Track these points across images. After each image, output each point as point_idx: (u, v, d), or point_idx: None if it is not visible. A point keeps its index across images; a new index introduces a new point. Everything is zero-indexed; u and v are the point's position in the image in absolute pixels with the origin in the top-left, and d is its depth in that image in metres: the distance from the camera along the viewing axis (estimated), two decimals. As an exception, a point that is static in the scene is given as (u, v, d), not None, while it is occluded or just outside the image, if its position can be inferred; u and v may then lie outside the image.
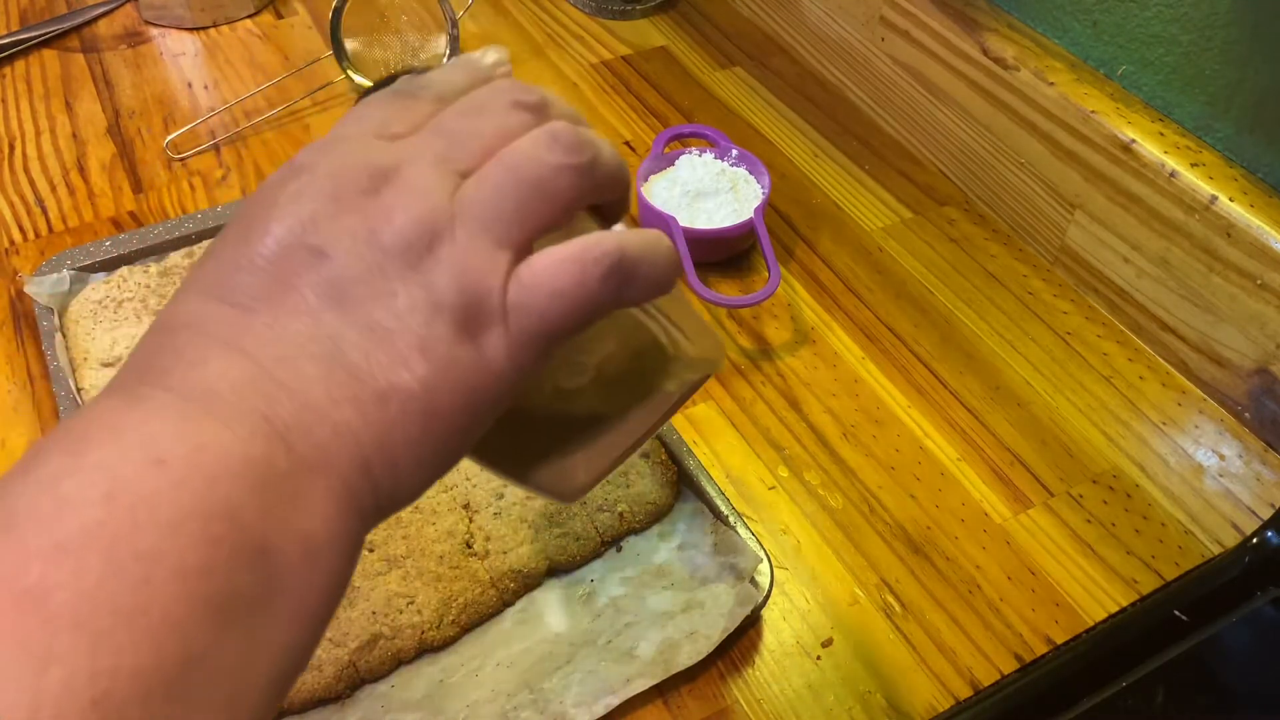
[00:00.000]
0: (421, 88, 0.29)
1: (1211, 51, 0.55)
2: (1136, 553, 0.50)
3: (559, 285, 0.25)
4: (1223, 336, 0.55)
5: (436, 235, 0.25)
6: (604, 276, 0.25)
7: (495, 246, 0.25)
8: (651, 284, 0.27)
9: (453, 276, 0.24)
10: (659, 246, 0.27)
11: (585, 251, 0.26)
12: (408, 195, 0.25)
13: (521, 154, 0.26)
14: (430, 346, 0.24)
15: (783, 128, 0.75)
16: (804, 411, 0.56)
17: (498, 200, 0.25)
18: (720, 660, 0.45)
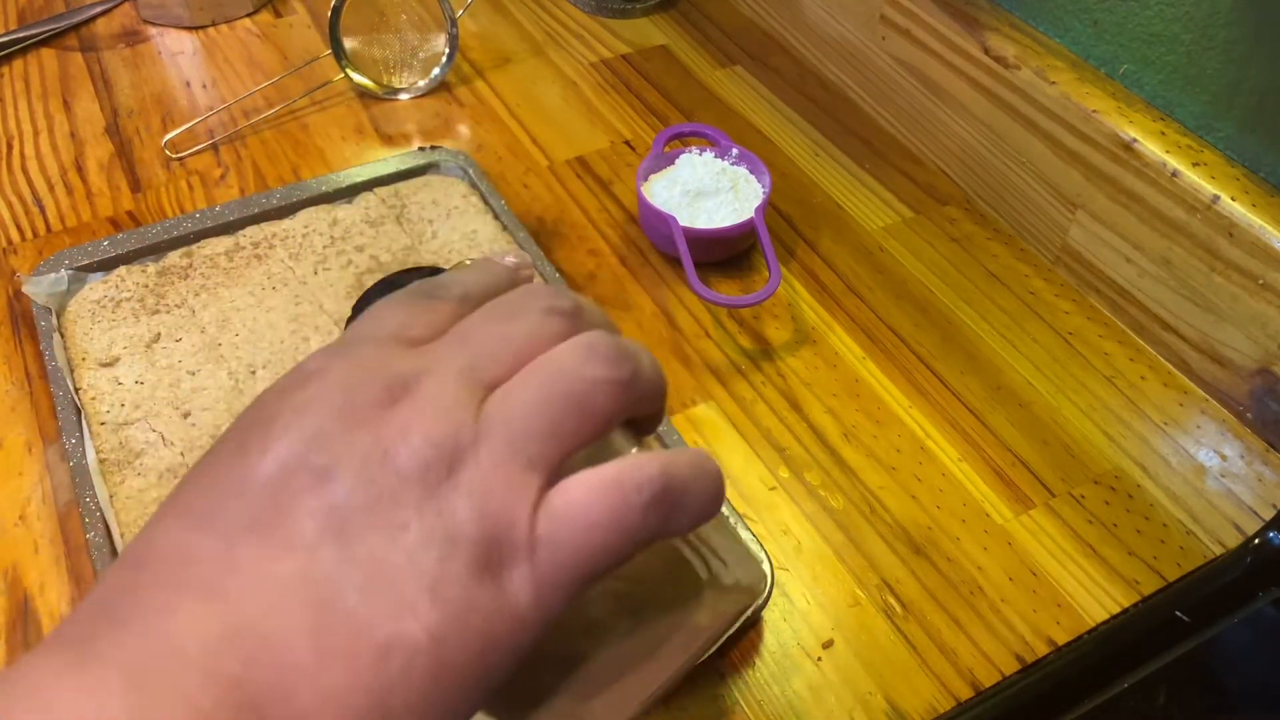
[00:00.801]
0: (443, 287, 0.26)
1: (1213, 50, 0.54)
2: (1138, 553, 0.50)
3: (596, 516, 0.22)
4: (1224, 336, 0.55)
5: (458, 457, 0.22)
6: (647, 506, 0.23)
7: (524, 469, 0.22)
8: (698, 513, 0.24)
9: (474, 505, 0.21)
10: (707, 470, 0.25)
11: (627, 477, 0.23)
12: (428, 410, 0.22)
13: (557, 365, 0.23)
14: (443, 588, 0.21)
15: (783, 127, 0.75)
16: (804, 412, 0.56)
17: (529, 416, 0.23)
18: (720, 661, 0.45)
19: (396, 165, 0.66)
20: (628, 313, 0.61)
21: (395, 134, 0.72)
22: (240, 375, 0.53)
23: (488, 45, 0.82)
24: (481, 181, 0.65)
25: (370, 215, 0.62)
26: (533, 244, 0.61)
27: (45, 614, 0.46)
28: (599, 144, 0.72)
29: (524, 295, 0.26)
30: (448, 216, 0.62)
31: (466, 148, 0.72)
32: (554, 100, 0.76)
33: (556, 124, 0.74)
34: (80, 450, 0.49)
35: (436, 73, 0.76)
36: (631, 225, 0.66)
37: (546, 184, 0.69)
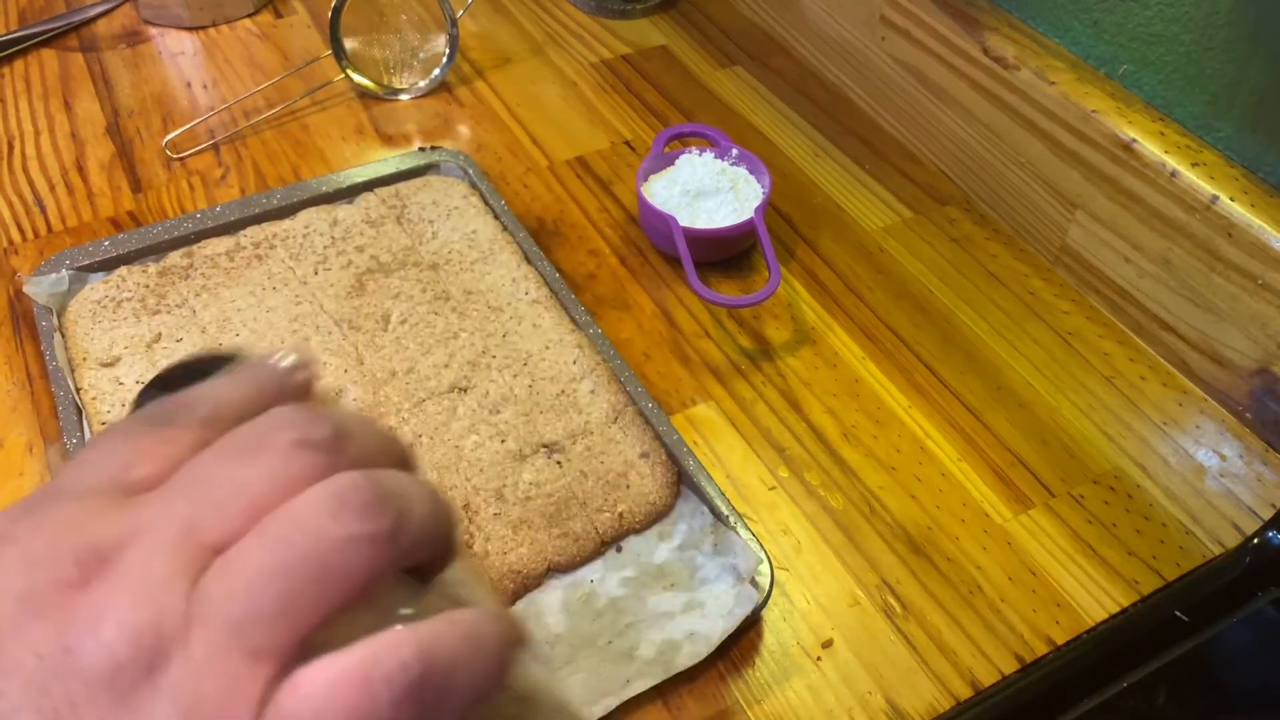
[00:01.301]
0: (184, 410, 0.22)
1: (1212, 51, 0.55)
2: (1137, 553, 0.50)
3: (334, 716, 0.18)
4: (1224, 336, 0.55)
5: (162, 650, 0.18)
6: (399, 700, 0.18)
7: (248, 660, 0.18)
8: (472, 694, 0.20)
9: (181, 713, 0.17)
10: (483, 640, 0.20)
11: (374, 667, 0.18)
12: (127, 590, 0.18)
13: (295, 522, 0.19)
14: None
15: (783, 127, 0.75)
16: (804, 412, 0.56)
17: (256, 591, 0.18)
18: (720, 661, 0.45)
19: (397, 165, 0.66)
20: (628, 312, 0.61)
21: (395, 134, 0.73)
22: (240, 375, 0.53)
23: (488, 46, 0.82)
24: (482, 181, 0.65)
25: (370, 215, 0.62)
26: (533, 244, 0.61)
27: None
28: (599, 144, 0.73)
29: (272, 423, 0.21)
30: (448, 217, 0.62)
31: (467, 148, 0.72)
32: (554, 100, 0.76)
33: (556, 124, 0.74)
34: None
35: (437, 73, 0.76)
36: (631, 225, 0.66)
37: (546, 184, 0.69)
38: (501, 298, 0.58)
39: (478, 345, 0.55)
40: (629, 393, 0.53)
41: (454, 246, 0.60)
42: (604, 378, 0.53)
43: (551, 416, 0.52)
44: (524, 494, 0.49)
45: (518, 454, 0.50)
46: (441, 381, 0.53)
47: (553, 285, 0.59)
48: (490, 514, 0.48)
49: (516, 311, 0.57)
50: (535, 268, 0.60)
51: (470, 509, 0.48)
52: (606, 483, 0.49)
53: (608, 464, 0.50)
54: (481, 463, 0.50)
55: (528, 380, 0.53)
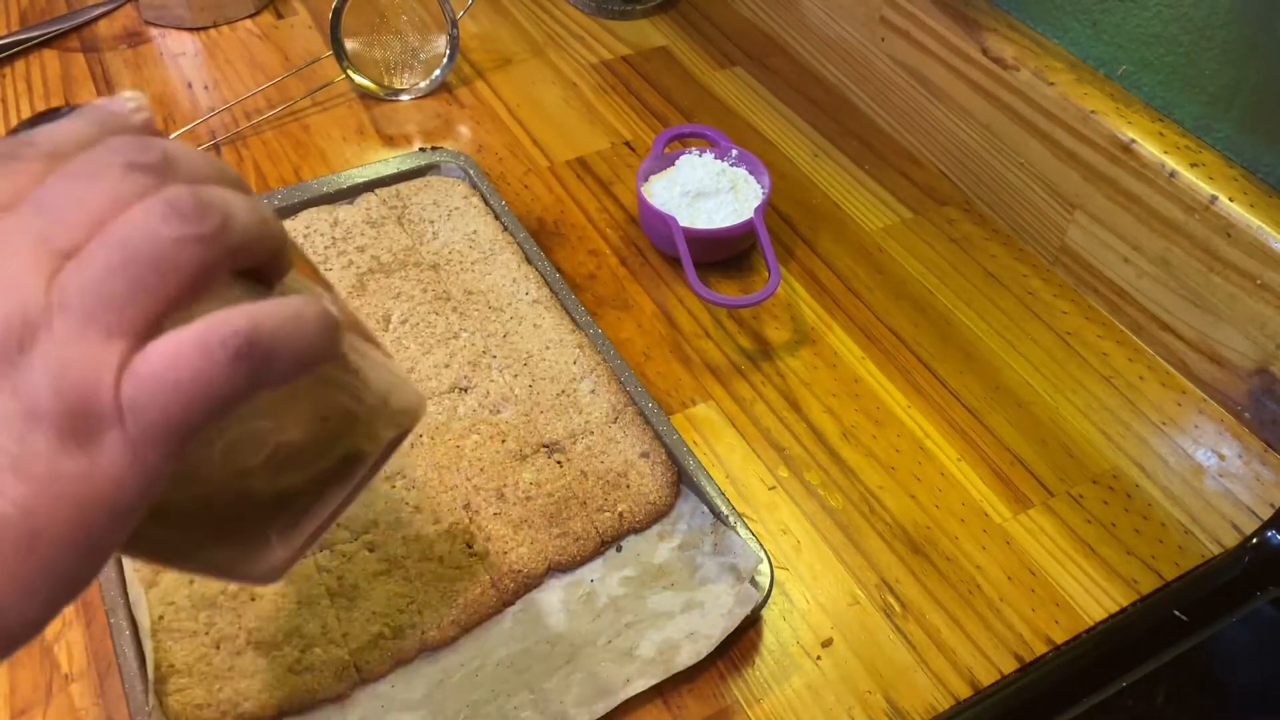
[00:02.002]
0: (28, 145, 0.24)
1: (1211, 51, 0.55)
2: (1136, 553, 0.50)
3: (180, 376, 0.22)
4: (1223, 336, 0.55)
5: (30, 331, 0.21)
6: (233, 360, 0.22)
7: (104, 337, 0.22)
8: (297, 360, 0.23)
9: (50, 378, 0.21)
10: (304, 315, 0.24)
11: (209, 332, 0.22)
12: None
13: (131, 226, 0.22)
14: (26, 463, 0.21)
15: (783, 128, 0.75)
16: (804, 411, 0.56)
17: (104, 282, 0.22)
18: (720, 660, 0.45)
19: (397, 166, 0.66)
20: (628, 312, 0.61)
21: (396, 135, 0.73)
22: (241, 375, 0.53)
23: (488, 46, 0.82)
24: (482, 182, 0.65)
25: (371, 216, 0.62)
26: (533, 244, 0.61)
27: (47, 613, 0.46)
28: (599, 145, 0.73)
29: (108, 150, 0.24)
30: (448, 217, 0.62)
31: (467, 148, 0.72)
32: (554, 101, 0.76)
33: (557, 125, 0.74)
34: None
35: (437, 74, 0.76)
36: (631, 225, 0.66)
37: (547, 184, 0.69)
38: (502, 298, 0.58)
39: (478, 345, 0.55)
40: (629, 393, 0.53)
41: (455, 247, 0.61)
42: (604, 378, 0.54)
43: (552, 416, 0.52)
44: (524, 494, 0.49)
45: (518, 454, 0.50)
46: (442, 381, 0.53)
47: (553, 285, 0.59)
48: (491, 513, 0.48)
49: (517, 312, 0.57)
50: (535, 268, 0.60)
51: (471, 508, 0.48)
52: (606, 482, 0.49)
53: (608, 464, 0.50)
54: (482, 462, 0.50)
55: (528, 380, 0.54)
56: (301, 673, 0.42)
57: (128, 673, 0.42)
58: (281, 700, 0.42)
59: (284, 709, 0.42)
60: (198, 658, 0.42)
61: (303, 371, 0.24)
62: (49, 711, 0.43)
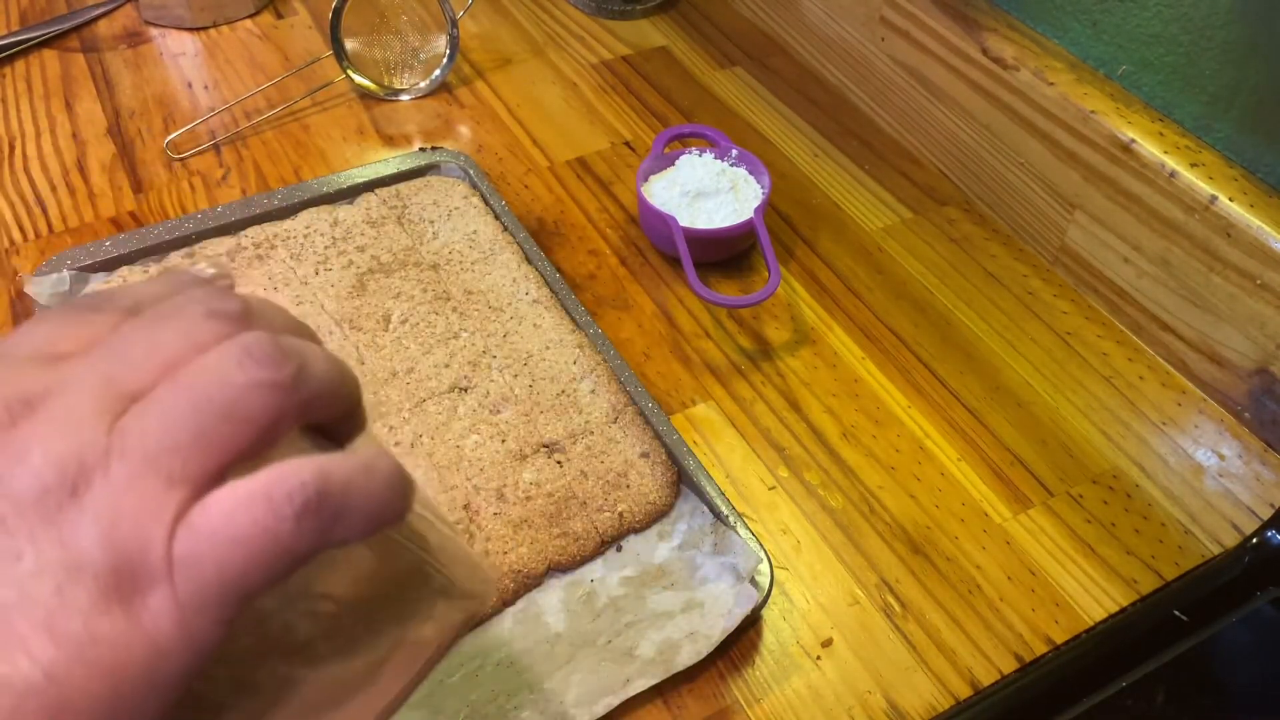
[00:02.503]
0: (109, 299, 0.24)
1: (1211, 51, 0.55)
2: (1136, 553, 0.50)
3: (240, 530, 0.20)
4: (1222, 336, 0.55)
5: (84, 475, 0.20)
6: (299, 516, 0.20)
7: (163, 486, 0.20)
8: (368, 519, 0.22)
9: (101, 528, 0.19)
10: (376, 470, 0.22)
11: (275, 484, 0.21)
12: (52, 426, 0.20)
13: (202, 370, 0.21)
14: (61, 622, 0.19)
15: (783, 128, 0.75)
16: (804, 411, 0.56)
17: (169, 428, 0.20)
18: (720, 660, 0.45)
19: (397, 166, 0.66)
20: (628, 312, 0.61)
21: (396, 135, 0.73)
22: (241, 375, 0.53)
23: (488, 46, 0.82)
24: (482, 182, 0.65)
25: (371, 216, 0.62)
26: (533, 244, 0.61)
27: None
28: (599, 145, 0.73)
29: (186, 298, 0.23)
30: (448, 217, 0.62)
31: (467, 148, 0.72)
32: (554, 101, 0.76)
33: (557, 125, 0.74)
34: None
35: (437, 74, 0.76)
36: (631, 226, 0.66)
37: (547, 185, 0.69)
38: (502, 298, 0.58)
39: (478, 345, 0.55)
40: (629, 393, 0.53)
41: (455, 247, 0.61)
42: (604, 378, 0.54)
43: (552, 416, 0.52)
44: (524, 494, 0.49)
45: (518, 454, 0.50)
46: (442, 381, 0.53)
47: (553, 285, 0.59)
48: (491, 514, 0.48)
49: (517, 311, 0.57)
50: (535, 268, 0.60)
51: (471, 509, 0.48)
52: (606, 482, 0.49)
53: (608, 464, 0.50)
54: (482, 462, 0.50)
55: (528, 380, 0.54)
56: (301, 673, 0.42)
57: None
58: (281, 700, 0.42)
59: (284, 709, 0.42)
60: (198, 658, 0.42)
61: (372, 532, 0.23)
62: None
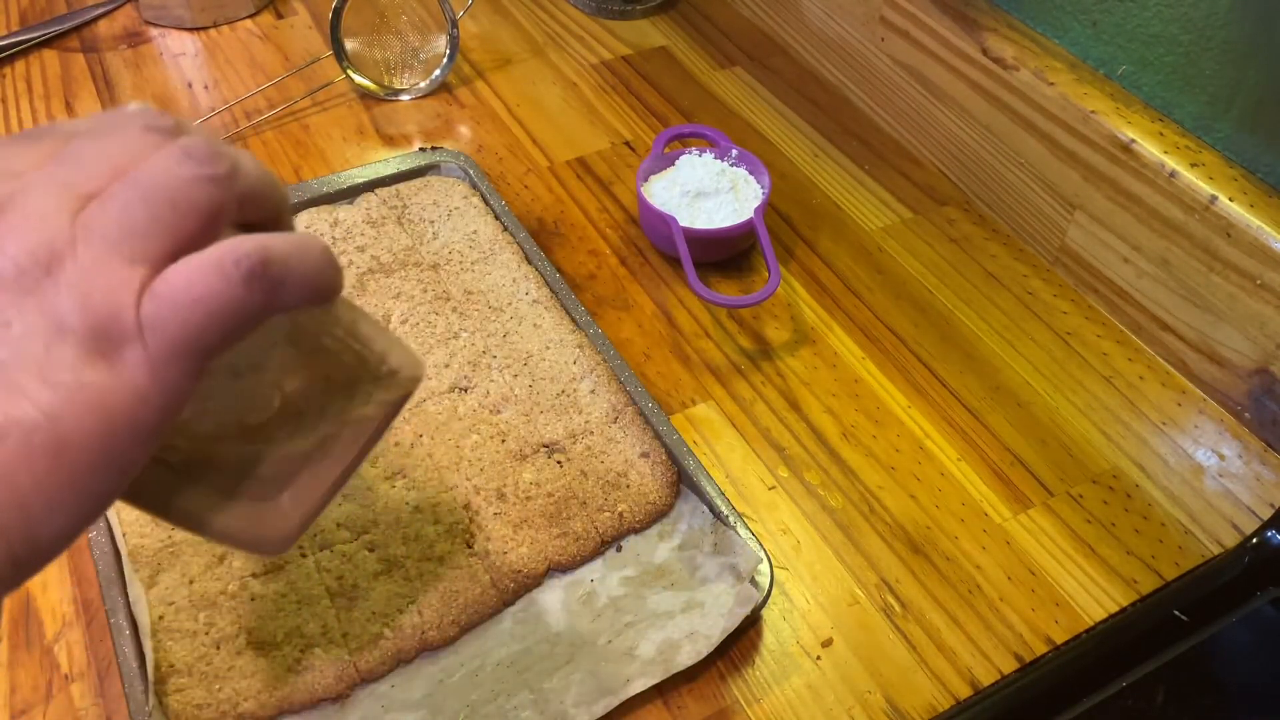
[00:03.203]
0: (50, 130, 0.27)
1: (1211, 51, 0.55)
2: (1136, 553, 0.50)
3: (196, 292, 0.23)
4: (1222, 336, 0.55)
5: (55, 258, 0.23)
6: (247, 279, 0.24)
7: (125, 263, 0.23)
8: (306, 286, 0.25)
9: (76, 297, 0.23)
10: (310, 246, 0.26)
11: (223, 255, 0.24)
12: (21, 221, 0.23)
13: (150, 168, 0.24)
14: (52, 372, 0.22)
15: (783, 128, 0.75)
16: (804, 411, 0.56)
17: (124, 216, 0.24)
18: (720, 660, 0.45)
19: (397, 166, 0.66)
20: (628, 312, 0.61)
21: (396, 135, 0.73)
22: (241, 375, 0.53)
23: (488, 46, 0.82)
24: (482, 182, 0.65)
25: (371, 216, 0.62)
26: (533, 244, 0.61)
27: (47, 613, 0.46)
28: (599, 145, 0.73)
29: (123, 117, 0.26)
30: (448, 217, 0.62)
31: (467, 148, 0.72)
32: (554, 101, 0.76)
33: (557, 125, 0.74)
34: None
35: (437, 74, 0.76)
36: (631, 225, 0.66)
37: (547, 185, 0.69)
38: (502, 298, 0.58)
39: (478, 345, 0.55)
40: (629, 393, 0.53)
41: (454, 247, 0.61)
42: (604, 378, 0.54)
43: (552, 416, 0.52)
44: (524, 494, 0.49)
45: (518, 454, 0.50)
46: (442, 381, 0.53)
47: (553, 285, 0.59)
48: (491, 514, 0.48)
49: (517, 312, 0.57)
50: (535, 268, 0.60)
51: (471, 509, 0.48)
52: (607, 482, 0.49)
53: (608, 464, 0.50)
54: (482, 462, 0.50)
55: (528, 380, 0.54)
56: (301, 673, 0.42)
57: (128, 673, 0.42)
58: (281, 700, 0.42)
59: (284, 709, 0.42)
60: (198, 658, 0.42)
61: (312, 298, 0.26)
62: (49, 711, 0.43)
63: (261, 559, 0.45)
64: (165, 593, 0.44)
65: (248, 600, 0.44)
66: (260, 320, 0.25)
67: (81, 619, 0.46)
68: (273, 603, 0.44)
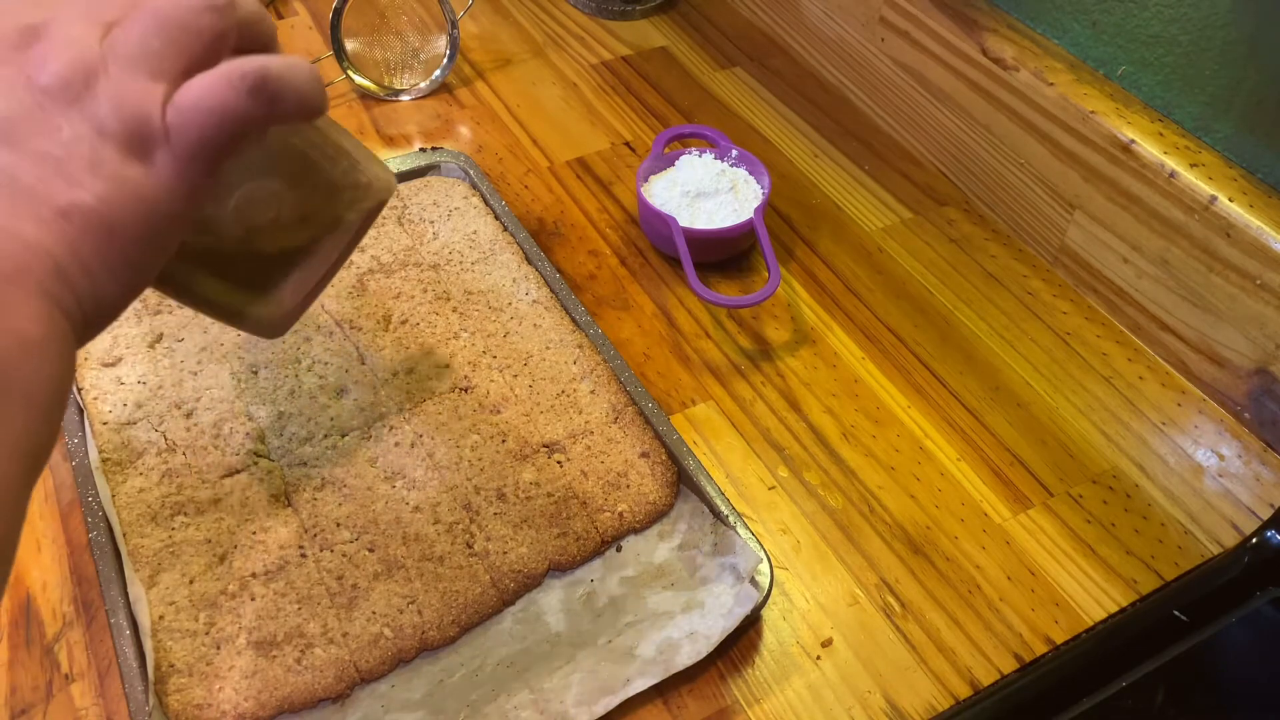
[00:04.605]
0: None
1: (1211, 52, 0.55)
2: (1136, 553, 0.50)
3: (210, 103, 0.28)
4: (1222, 336, 0.55)
5: (91, 74, 0.27)
6: (251, 91, 0.28)
7: (149, 78, 0.28)
8: (299, 98, 0.30)
9: (112, 106, 0.27)
10: (300, 65, 0.30)
11: (232, 70, 0.28)
12: (59, 43, 0.28)
13: (162, 0, 0.29)
14: (100, 167, 0.27)
15: (783, 128, 0.75)
16: (804, 411, 0.56)
17: (145, 40, 0.28)
18: (720, 660, 0.45)
19: (397, 166, 0.66)
20: (627, 312, 0.61)
21: (396, 135, 0.73)
22: (242, 375, 0.53)
23: (488, 47, 0.82)
24: (482, 182, 0.65)
25: (371, 216, 0.62)
26: (533, 244, 0.61)
27: (47, 612, 0.46)
28: (599, 145, 0.73)
29: None
30: (448, 217, 0.62)
31: (467, 149, 0.72)
32: (554, 102, 0.77)
33: (557, 125, 0.74)
34: (82, 450, 0.50)
35: (437, 74, 0.76)
36: (631, 226, 0.66)
37: (547, 185, 0.69)
38: (502, 298, 0.58)
39: (478, 345, 0.55)
40: (629, 393, 0.53)
41: (455, 247, 0.61)
42: (604, 378, 0.54)
43: (552, 416, 0.52)
44: (524, 494, 0.49)
45: (518, 454, 0.50)
46: (442, 381, 0.53)
47: (553, 285, 0.59)
48: (491, 514, 0.48)
49: (517, 312, 0.57)
50: (536, 268, 0.60)
51: (471, 509, 0.48)
52: (607, 482, 0.49)
53: (608, 464, 0.50)
54: (482, 462, 0.50)
55: (528, 380, 0.54)
56: (301, 673, 0.43)
57: (128, 673, 0.42)
58: (281, 700, 0.42)
59: (284, 709, 0.42)
60: (198, 658, 0.42)
61: (305, 110, 0.30)
62: (49, 711, 0.43)
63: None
64: (165, 593, 0.44)
65: (248, 600, 0.44)
66: (262, 127, 0.29)
67: (82, 619, 0.46)
68: (273, 603, 0.44)
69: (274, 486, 0.48)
